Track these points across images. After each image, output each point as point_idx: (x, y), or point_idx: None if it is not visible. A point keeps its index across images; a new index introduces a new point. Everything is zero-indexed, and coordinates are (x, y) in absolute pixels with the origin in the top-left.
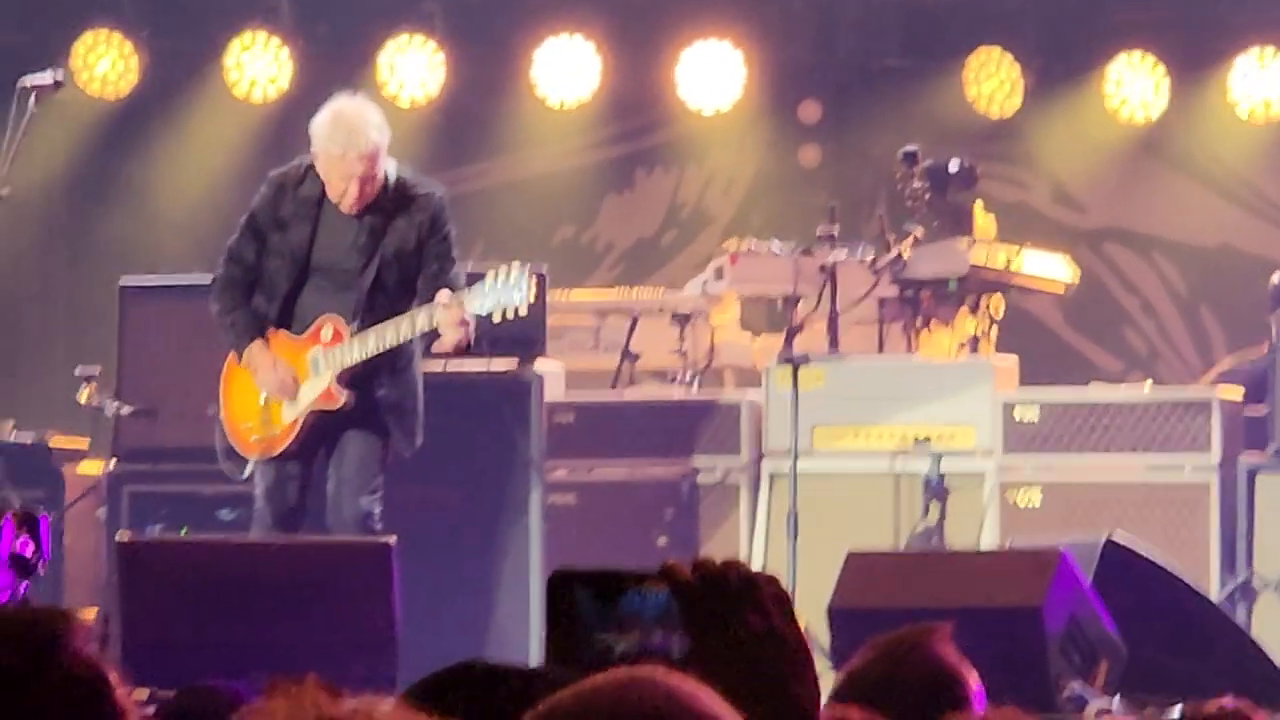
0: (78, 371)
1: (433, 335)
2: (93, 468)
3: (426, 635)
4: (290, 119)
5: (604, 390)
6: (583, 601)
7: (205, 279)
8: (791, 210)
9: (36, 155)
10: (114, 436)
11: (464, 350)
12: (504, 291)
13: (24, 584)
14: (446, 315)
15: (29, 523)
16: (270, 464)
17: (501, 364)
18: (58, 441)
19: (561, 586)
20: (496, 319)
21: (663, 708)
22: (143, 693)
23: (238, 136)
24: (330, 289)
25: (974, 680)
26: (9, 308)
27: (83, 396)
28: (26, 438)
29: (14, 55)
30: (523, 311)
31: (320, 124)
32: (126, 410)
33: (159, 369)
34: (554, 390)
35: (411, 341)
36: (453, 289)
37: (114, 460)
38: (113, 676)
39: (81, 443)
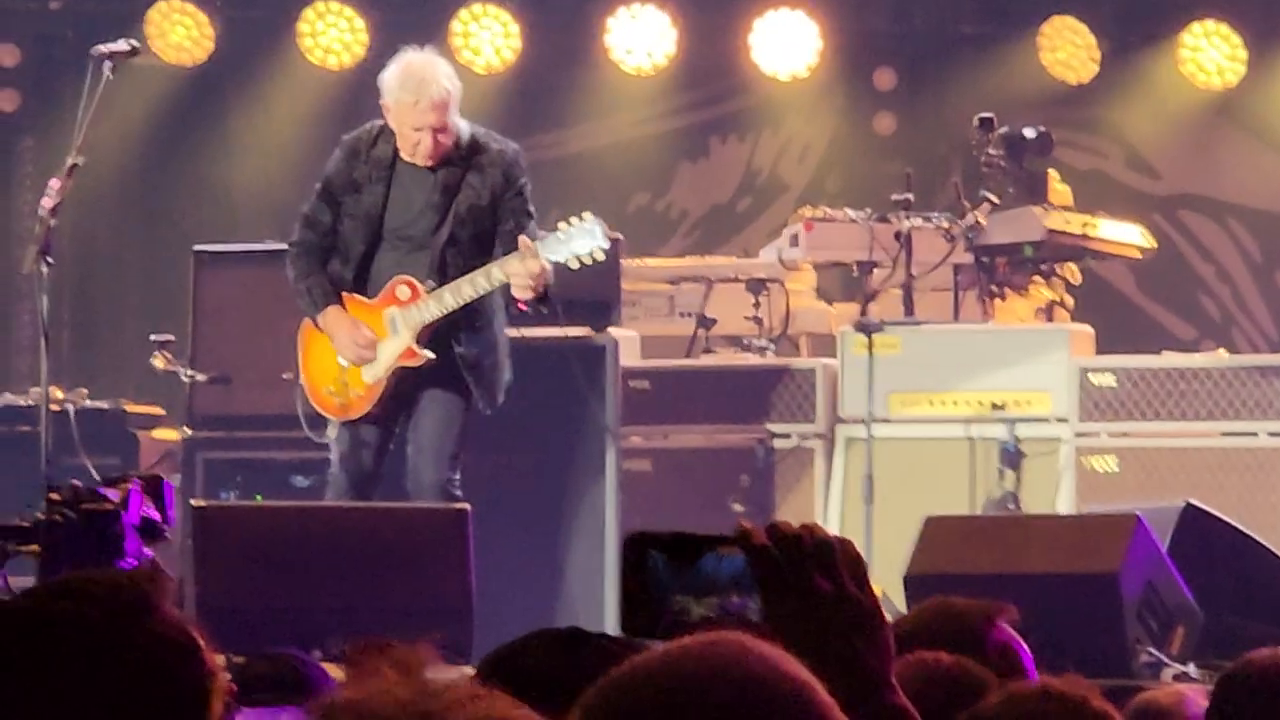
0: (152, 338)
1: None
2: (168, 434)
3: (501, 602)
4: (365, 87)
5: (679, 357)
6: (658, 564)
7: (279, 246)
8: (867, 177)
9: (111, 123)
10: (188, 403)
11: (540, 299)
12: (579, 238)
13: (149, 550)
14: (521, 266)
15: (154, 488)
16: (346, 429)
17: (576, 331)
18: (133, 408)
19: (636, 549)
20: (574, 266)
21: (746, 672)
22: (219, 658)
23: (313, 104)
24: (405, 249)
25: (1016, 646)
26: (84, 275)
27: (158, 363)
28: (101, 404)
29: (89, 24)
30: (599, 256)
31: (390, 75)
32: (201, 377)
33: (233, 336)
34: (629, 357)
35: (491, 299)
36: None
37: (188, 427)
38: (201, 639)
39: (156, 410)
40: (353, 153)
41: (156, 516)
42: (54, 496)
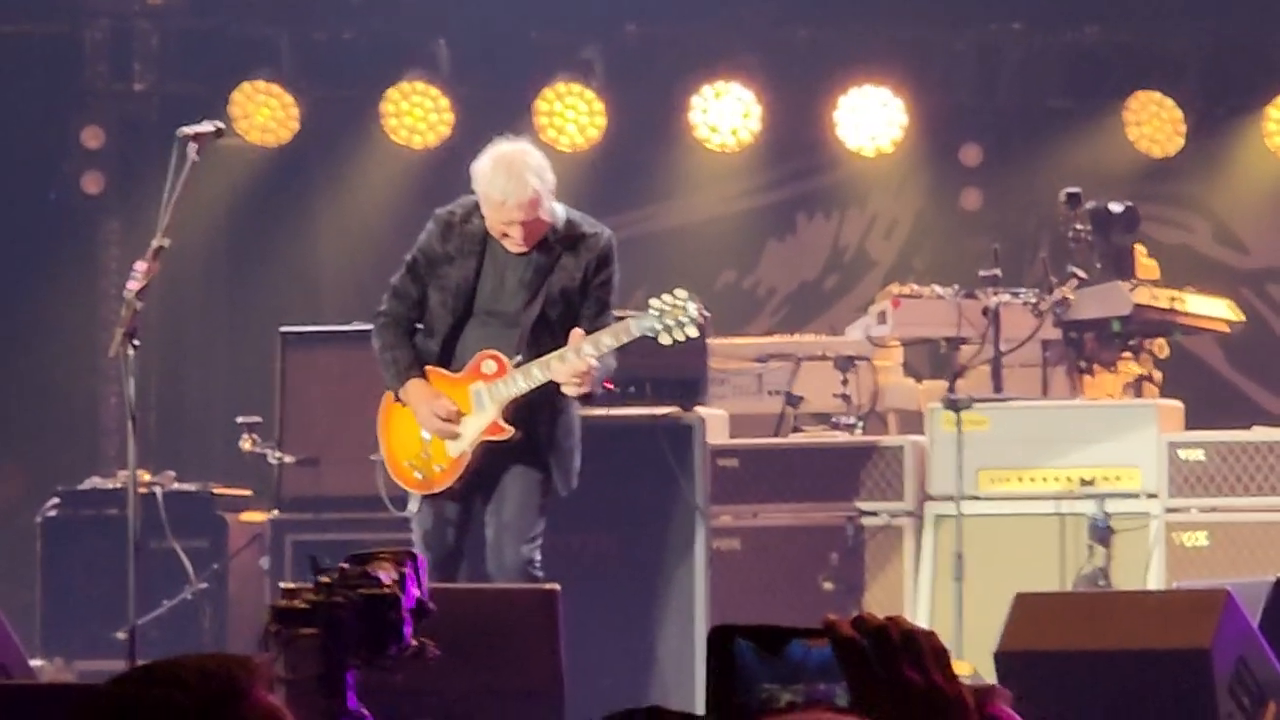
0: (239, 420)
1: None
2: (255, 517)
3: (590, 683)
4: (450, 166)
5: (767, 435)
6: (745, 653)
7: (365, 327)
8: (954, 253)
9: (197, 205)
10: (276, 485)
11: (587, 396)
12: (671, 314)
13: (412, 632)
14: (562, 365)
15: (415, 566)
16: (428, 508)
17: (664, 409)
18: (220, 491)
19: (722, 640)
20: (666, 341)
21: None
22: None
23: (398, 184)
24: (494, 326)
25: None
26: (170, 358)
27: (245, 445)
28: (189, 487)
29: (174, 106)
30: (692, 333)
31: (481, 169)
32: (289, 459)
33: (320, 417)
34: (717, 435)
35: None
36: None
37: (276, 509)
38: None
39: (244, 491)
40: (446, 226)
41: (420, 595)
42: (323, 579)
